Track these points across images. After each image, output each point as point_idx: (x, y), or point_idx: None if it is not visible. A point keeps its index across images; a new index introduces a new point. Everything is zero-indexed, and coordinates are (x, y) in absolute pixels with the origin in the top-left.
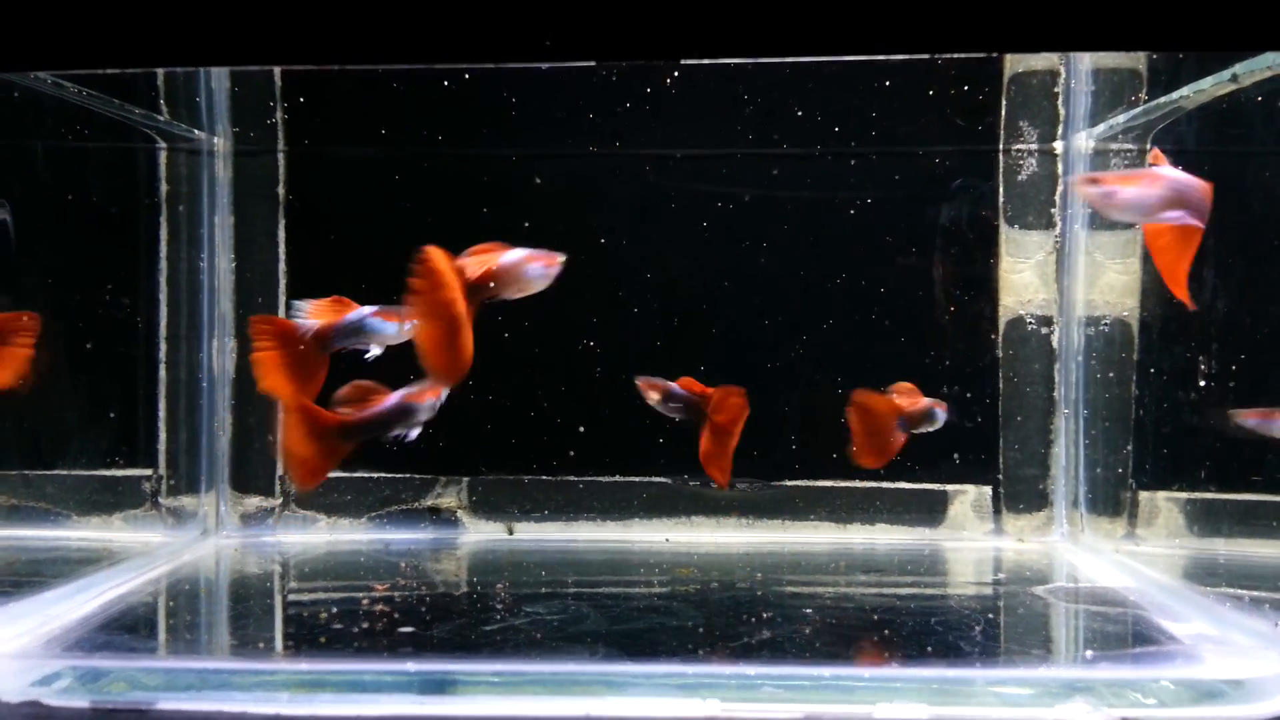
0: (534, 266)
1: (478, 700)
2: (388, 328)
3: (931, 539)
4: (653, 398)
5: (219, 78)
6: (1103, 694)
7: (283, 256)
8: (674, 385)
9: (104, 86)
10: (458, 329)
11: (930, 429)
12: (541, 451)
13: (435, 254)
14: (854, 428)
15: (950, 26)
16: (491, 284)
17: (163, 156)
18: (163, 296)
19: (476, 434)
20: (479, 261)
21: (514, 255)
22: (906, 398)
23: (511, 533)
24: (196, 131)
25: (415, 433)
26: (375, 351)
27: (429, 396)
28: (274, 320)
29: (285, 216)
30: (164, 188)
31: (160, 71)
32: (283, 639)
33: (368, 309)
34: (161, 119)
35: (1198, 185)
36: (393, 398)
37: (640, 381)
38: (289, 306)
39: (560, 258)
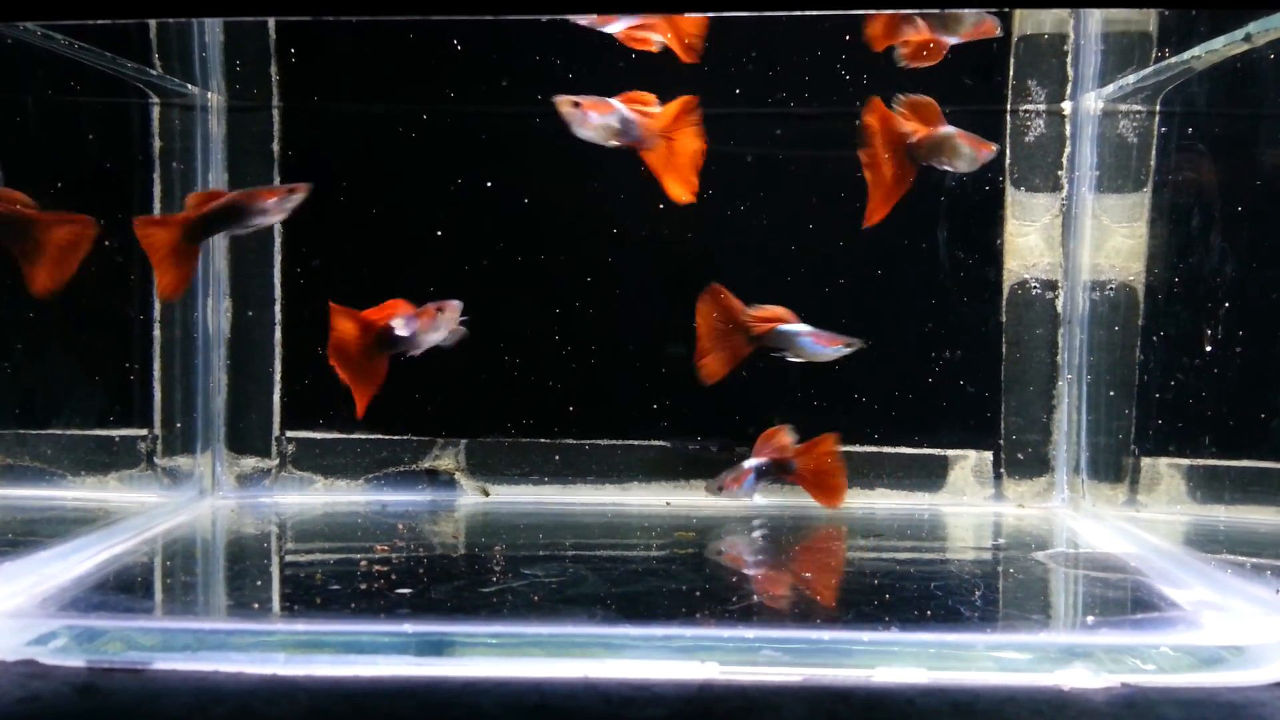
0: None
1: (475, 662)
2: None
3: (931, 504)
4: (590, 122)
5: (213, 31)
6: (1102, 659)
7: None
8: (617, 104)
9: (95, 39)
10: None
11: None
12: (540, 414)
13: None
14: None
15: None
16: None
17: (155, 112)
18: None
19: (474, 396)
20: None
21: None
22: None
23: (487, 495)
24: (190, 86)
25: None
26: None
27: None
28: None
29: (280, 174)
30: (157, 144)
31: (153, 23)
32: (279, 600)
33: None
34: (154, 73)
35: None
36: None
37: (560, 100)
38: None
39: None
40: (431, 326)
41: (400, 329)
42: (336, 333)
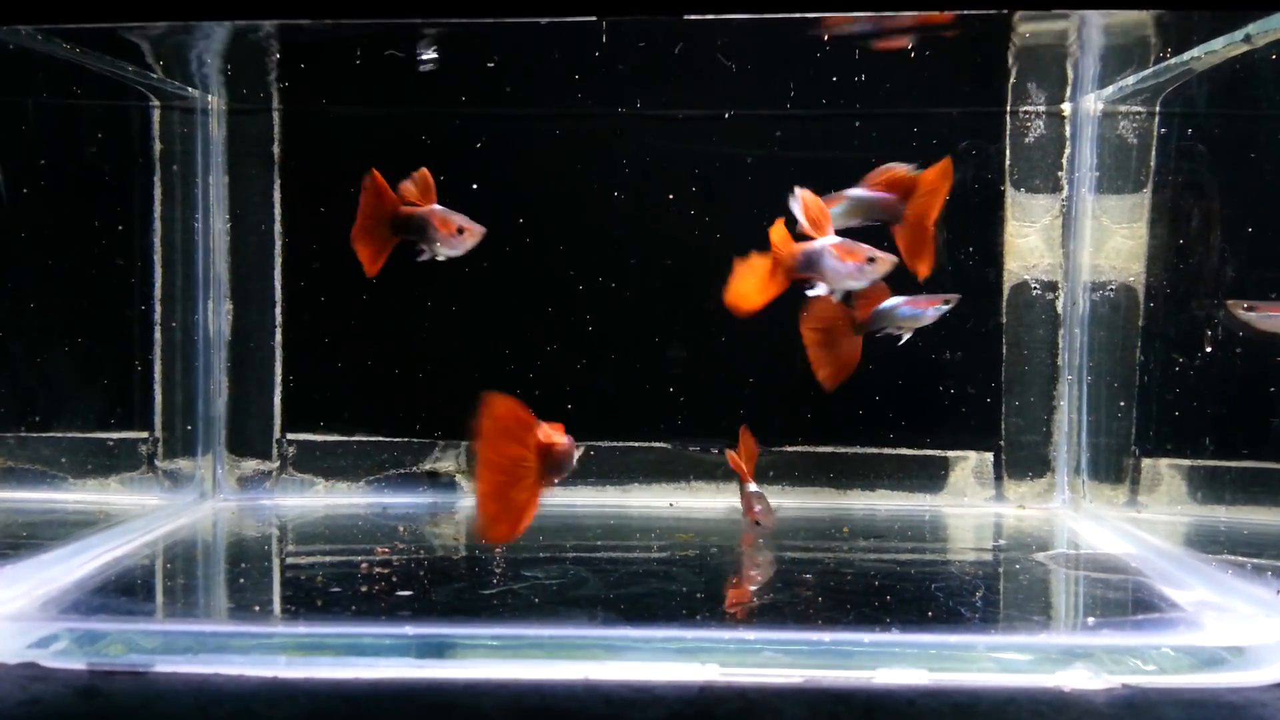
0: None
1: (476, 664)
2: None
3: (932, 505)
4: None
5: (213, 34)
6: (1103, 660)
7: (278, 217)
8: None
9: (96, 43)
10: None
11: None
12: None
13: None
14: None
15: None
16: None
17: (156, 114)
18: (157, 257)
19: (475, 398)
20: None
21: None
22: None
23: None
24: (190, 89)
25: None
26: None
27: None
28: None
29: (280, 176)
30: (157, 146)
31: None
32: (280, 602)
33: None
34: (155, 76)
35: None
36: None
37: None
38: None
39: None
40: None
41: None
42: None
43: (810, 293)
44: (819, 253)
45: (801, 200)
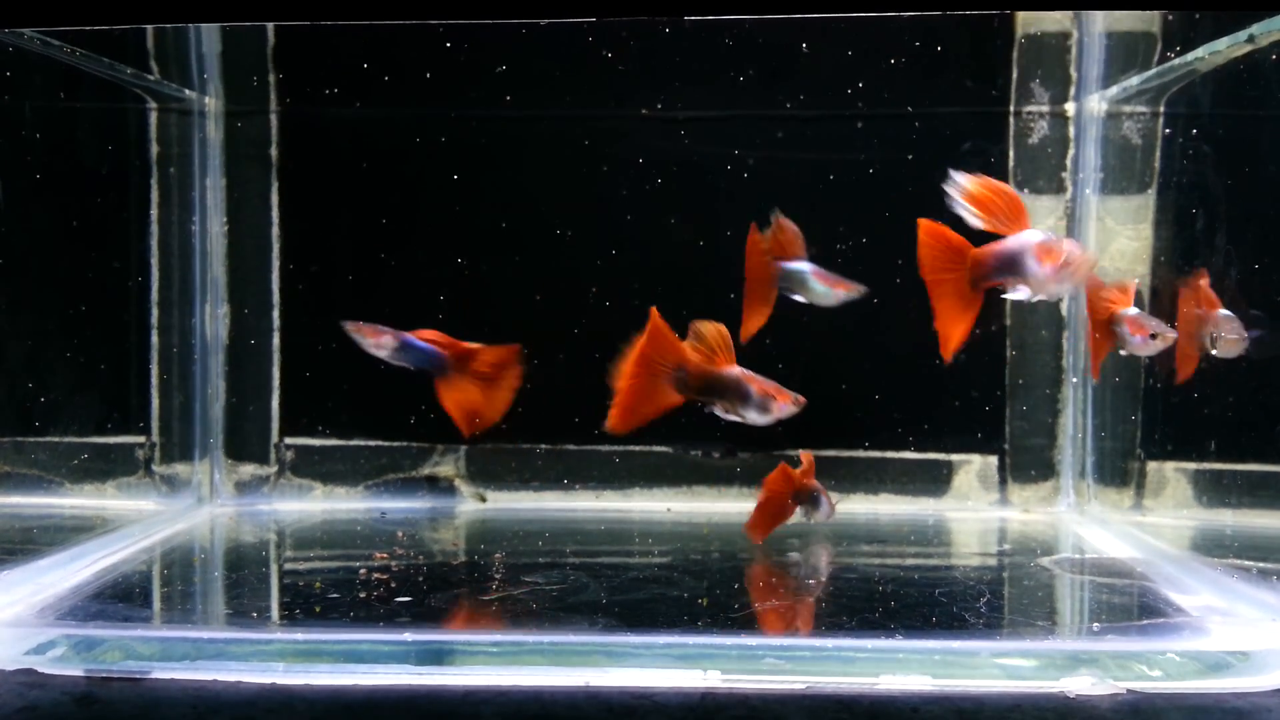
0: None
1: (476, 671)
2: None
3: (936, 509)
4: (373, 344)
5: (210, 36)
6: (1108, 666)
7: (276, 220)
8: (407, 335)
9: (93, 45)
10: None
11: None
12: (540, 420)
13: None
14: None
15: None
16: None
17: (153, 117)
18: (154, 260)
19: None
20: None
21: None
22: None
23: (484, 501)
24: (187, 91)
25: None
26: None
27: None
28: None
29: (278, 179)
30: (154, 149)
31: (150, 29)
32: (278, 608)
33: None
34: (152, 78)
35: None
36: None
37: (350, 326)
38: None
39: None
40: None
41: None
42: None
43: (1011, 296)
44: (1019, 252)
45: (968, 189)
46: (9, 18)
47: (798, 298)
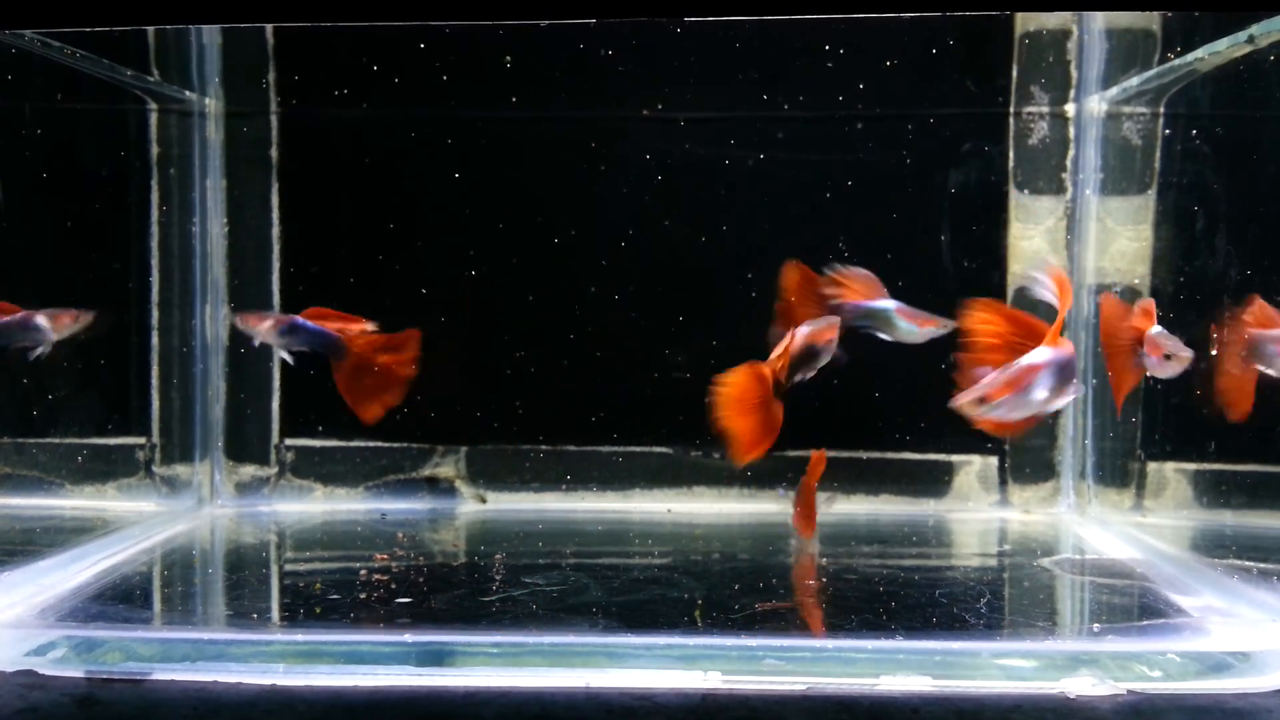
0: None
1: (476, 672)
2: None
3: (936, 510)
4: (259, 331)
5: (210, 37)
6: (1108, 667)
7: (276, 221)
8: (296, 317)
9: (93, 46)
10: None
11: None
12: (541, 421)
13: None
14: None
15: None
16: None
17: (153, 118)
18: (154, 262)
19: (475, 403)
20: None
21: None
22: None
23: (484, 501)
24: (187, 92)
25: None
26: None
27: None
28: None
29: (279, 180)
30: (154, 150)
31: (150, 30)
32: (279, 610)
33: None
34: (152, 79)
35: None
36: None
37: (237, 321)
38: None
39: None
40: None
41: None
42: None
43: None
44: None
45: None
46: (9, 19)
47: (883, 335)
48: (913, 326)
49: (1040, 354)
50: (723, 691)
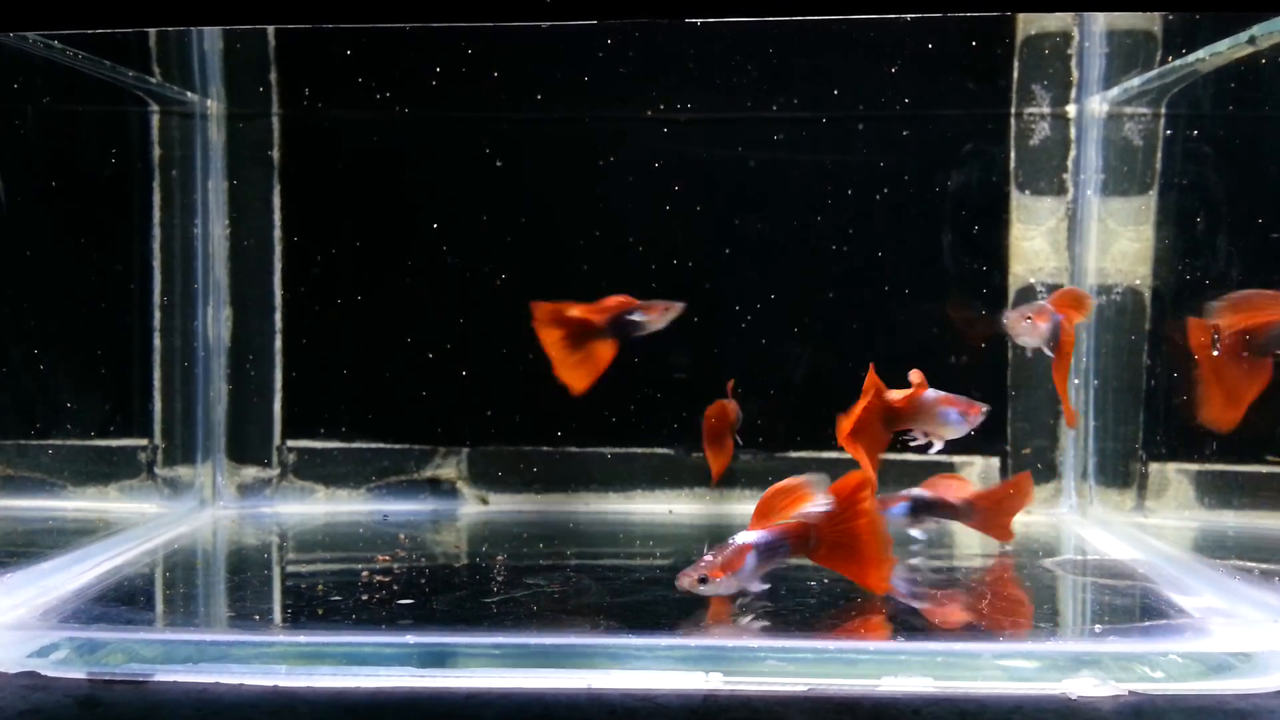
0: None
1: (478, 673)
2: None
3: None
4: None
5: (212, 38)
6: (1110, 667)
7: (278, 223)
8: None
9: (95, 48)
10: None
11: None
12: (542, 422)
13: None
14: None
15: None
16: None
17: (155, 120)
18: (156, 263)
19: (476, 405)
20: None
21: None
22: None
23: (486, 503)
24: (189, 94)
25: None
26: None
27: None
28: None
29: (280, 181)
30: (156, 152)
31: (152, 32)
32: (281, 611)
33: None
34: (154, 81)
35: None
36: None
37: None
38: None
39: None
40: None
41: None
42: None
43: None
44: None
45: None
46: (11, 21)
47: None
48: (961, 417)
49: (750, 535)
50: (724, 692)
